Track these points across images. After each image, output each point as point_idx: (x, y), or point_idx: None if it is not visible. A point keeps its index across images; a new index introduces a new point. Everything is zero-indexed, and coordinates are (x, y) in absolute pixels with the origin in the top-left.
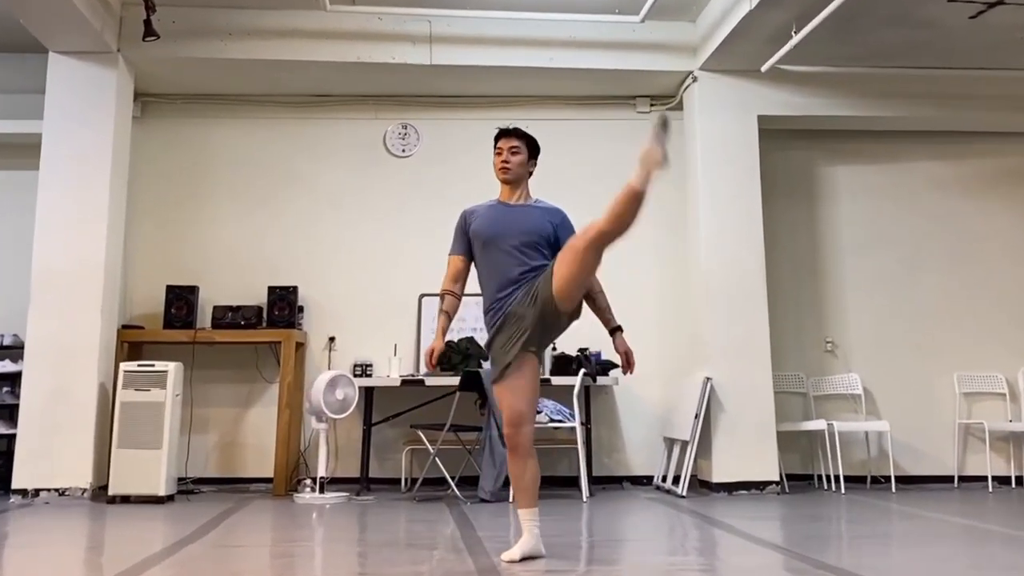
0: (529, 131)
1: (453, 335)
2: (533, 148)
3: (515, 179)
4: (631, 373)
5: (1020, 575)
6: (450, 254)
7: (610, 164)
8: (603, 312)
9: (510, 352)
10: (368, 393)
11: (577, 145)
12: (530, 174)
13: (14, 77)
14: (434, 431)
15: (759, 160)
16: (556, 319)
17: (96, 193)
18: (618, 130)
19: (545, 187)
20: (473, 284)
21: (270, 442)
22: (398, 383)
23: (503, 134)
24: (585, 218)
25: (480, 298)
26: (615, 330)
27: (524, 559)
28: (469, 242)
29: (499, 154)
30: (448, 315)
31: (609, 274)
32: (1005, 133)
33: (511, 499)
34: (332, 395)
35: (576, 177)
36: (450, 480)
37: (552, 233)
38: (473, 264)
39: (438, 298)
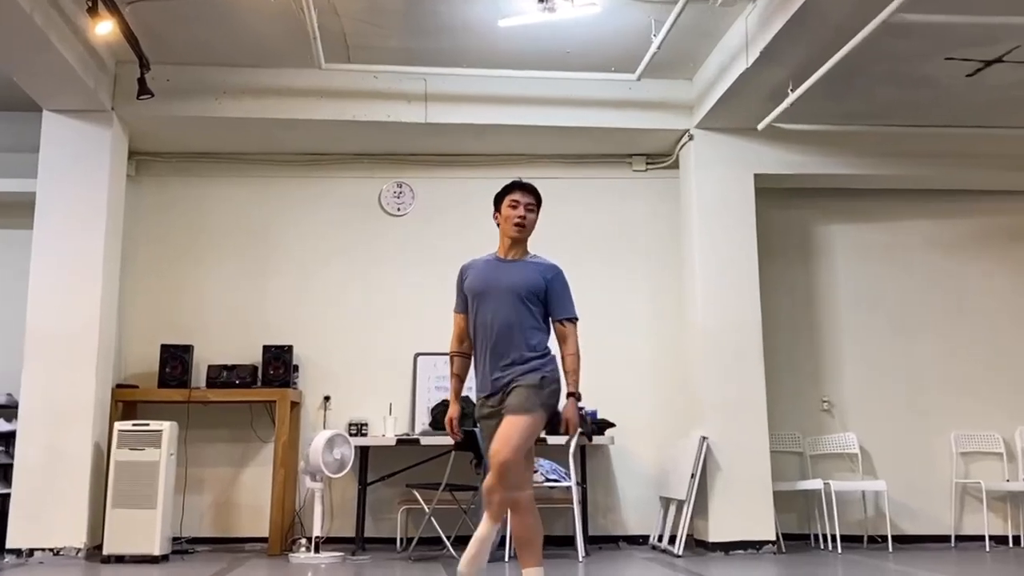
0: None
1: (444, 392)
2: (540, 206)
3: (526, 237)
4: (567, 434)
5: None
6: (455, 311)
7: (605, 224)
8: (565, 375)
9: None
10: (363, 452)
11: (572, 204)
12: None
13: (8, 135)
14: (430, 490)
15: (755, 218)
16: None
17: (90, 252)
18: (613, 189)
19: (541, 246)
20: None
21: (265, 501)
22: (393, 442)
23: (521, 188)
24: (581, 279)
25: None
26: (569, 395)
27: None
28: (467, 298)
29: (515, 207)
30: (460, 378)
31: (604, 331)
32: (1003, 192)
33: (507, 558)
34: (329, 454)
35: (570, 237)
36: (446, 540)
37: (544, 288)
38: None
39: (448, 359)
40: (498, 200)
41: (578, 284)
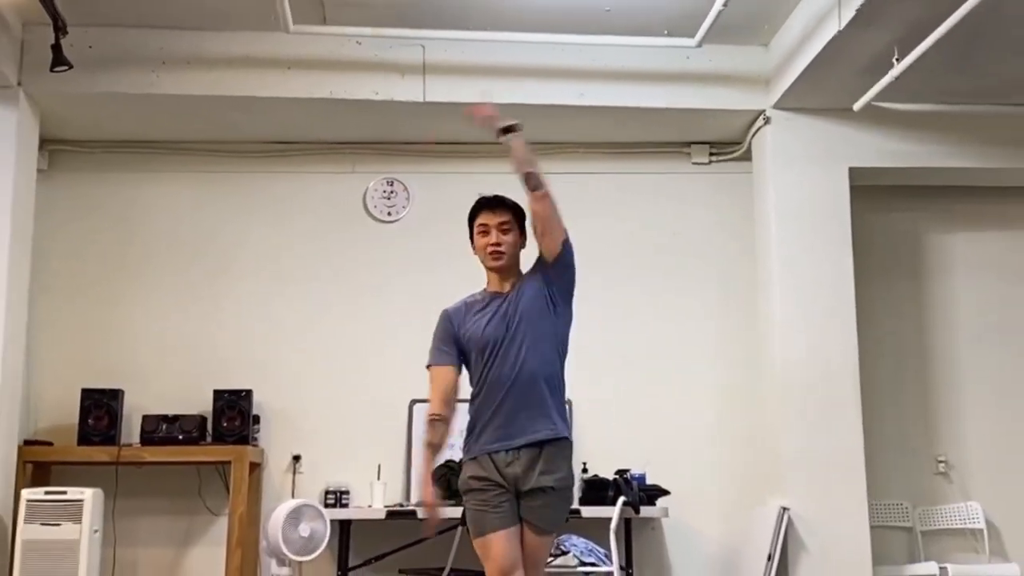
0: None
1: (448, 451)
2: (522, 219)
3: (509, 265)
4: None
5: None
6: (432, 365)
7: (655, 232)
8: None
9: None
10: (344, 528)
11: (612, 206)
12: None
13: None
14: None
15: (851, 226)
16: None
17: None
18: (666, 187)
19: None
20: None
21: None
22: (383, 515)
23: (486, 206)
24: (625, 304)
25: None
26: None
27: None
28: (460, 350)
29: (484, 233)
30: (436, 448)
31: (655, 371)
32: None
33: None
34: (294, 531)
35: (611, 249)
36: None
37: (548, 295)
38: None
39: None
40: (470, 225)
41: (622, 313)
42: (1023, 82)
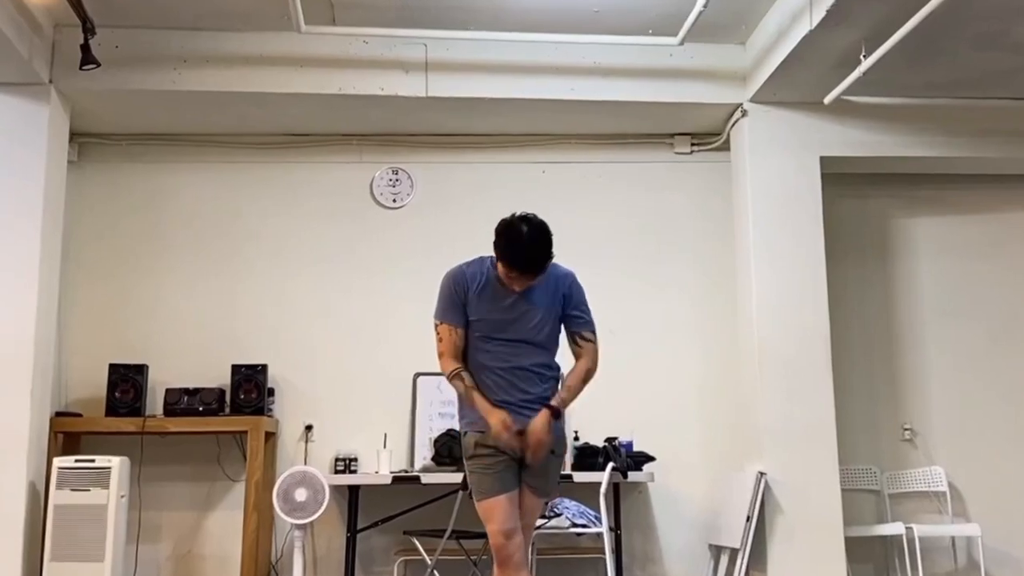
0: (546, 176)
1: (449, 420)
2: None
3: None
4: (530, 457)
5: None
6: (443, 322)
7: (641, 217)
8: (563, 387)
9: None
10: (352, 492)
11: (602, 193)
12: None
13: None
14: (433, 538)
15: (823, 210)
16: None
17: (24, 252)
18: (652, 175)
19: (564, 244)
20: None
21: (235, 552)
22: (388, 480)
23: (520, 268)
24: (613, 285)
25: None
26: (547, 406)
27: None
28: (466, 314)
29: (509, 279)
30: (477, 387)
31: (641, 346)
32: None
33: None
34: (292, 496)
35: (600, 233)
36: None
37: (561, 304)
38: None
39: (452, 380)
40: (496, 249)
41: (610, 290)
42: (981, 76)
